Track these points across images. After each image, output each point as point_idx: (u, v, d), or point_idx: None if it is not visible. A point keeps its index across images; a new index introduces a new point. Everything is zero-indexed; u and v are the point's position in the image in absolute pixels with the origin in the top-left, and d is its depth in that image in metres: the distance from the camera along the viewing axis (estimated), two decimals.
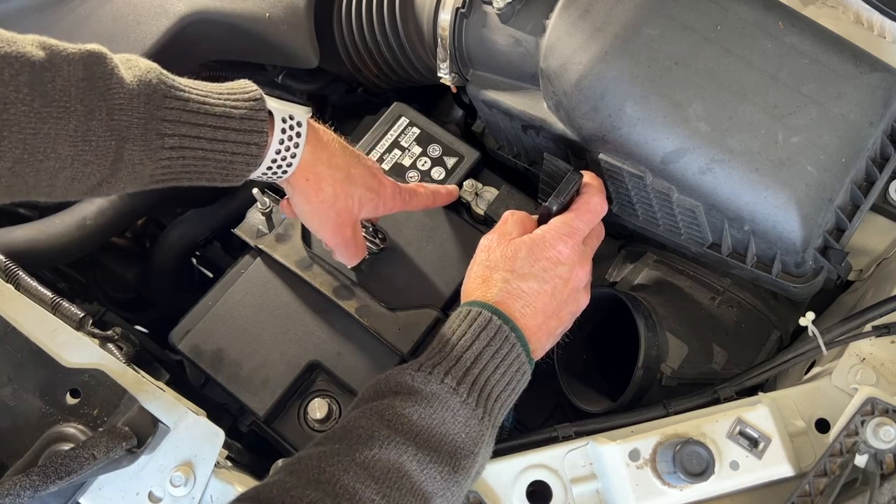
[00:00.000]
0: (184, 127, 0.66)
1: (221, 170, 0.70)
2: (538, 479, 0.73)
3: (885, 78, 0.78)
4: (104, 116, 0.62)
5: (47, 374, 0.72)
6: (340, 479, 0.58)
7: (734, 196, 0.76)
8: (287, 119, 0.72)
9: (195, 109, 0.67)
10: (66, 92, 0.60)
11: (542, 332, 0.74)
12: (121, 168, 0.64)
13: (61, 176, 0.62)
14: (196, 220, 1.14)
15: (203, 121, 0.67)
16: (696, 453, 0.68)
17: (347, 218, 0.80)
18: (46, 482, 0.61)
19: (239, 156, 0.70)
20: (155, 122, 0.65)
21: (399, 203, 0.85)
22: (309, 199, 0.78)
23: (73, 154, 0.61)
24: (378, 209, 0.83)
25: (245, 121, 0.69)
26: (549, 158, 0.83)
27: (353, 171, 0.79)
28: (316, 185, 0.77)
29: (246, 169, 0.71)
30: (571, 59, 0.80)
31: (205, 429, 0.73)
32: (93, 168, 0.63)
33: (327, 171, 0.77)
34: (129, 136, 0.63)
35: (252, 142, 0.70)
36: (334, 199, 0.78)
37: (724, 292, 0.90)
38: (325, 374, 0.88)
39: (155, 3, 1.02)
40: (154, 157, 0.66)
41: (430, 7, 0.94)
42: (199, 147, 0.67)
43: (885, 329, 0.75)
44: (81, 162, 0.62)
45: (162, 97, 0.65)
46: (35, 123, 0.59)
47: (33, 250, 0.97)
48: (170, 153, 0.66)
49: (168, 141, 0.66)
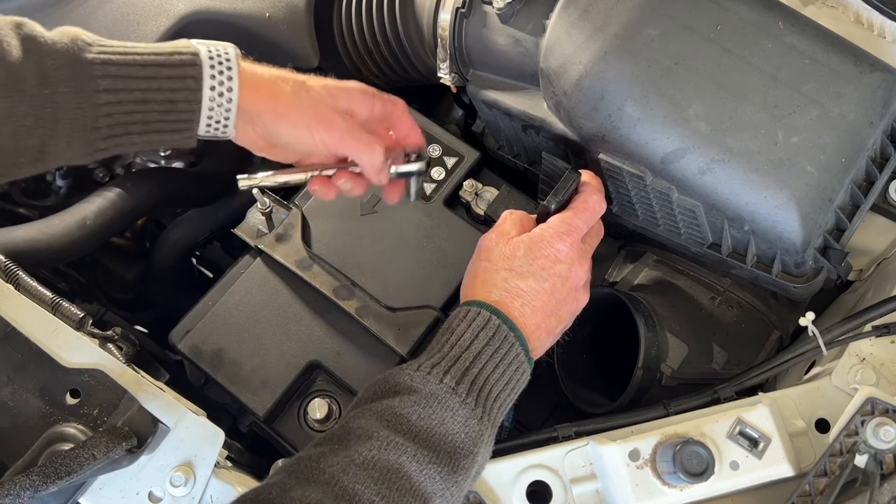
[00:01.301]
0: (113, 67, 0.65)
1: (166, 113, 0.67)
2: (538, 479, 0.73)
3: (885, 78, 0.78)
4: (32, 66, 0.62)
5: (47, 374, 0.72)
6: (340, 480, 0.58)
7: (734, 196, 0.76)
8: (213, 51, 0.69)
9: (122, 52, 0.66)
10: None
11: (541, 330, 0.74)
12: (60, 119, 0.64)
13: (2, 133, 0.62)
14: (196, 220, 1.14)
15: (132, 60, 0.66)
16: (696, 453, 0.68)
17: (326, 110, 0.73)
18: (46, 482, 0.61)
19: (179, 92, 0.67)
20: (83, 64, 0.64)
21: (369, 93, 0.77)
22: (271, 107, 0.71)
23: (10, 105, 0.62)
24: (352, 94, 0.75)
25: (174, 55, 0.67)
26: (547, 157, 0.83)
27: (298, 77, 0.74)
28: (271, 90, 0.71)
29: (188, 107, 0.68)
30: (571, 59, 0.80)
31: (205, 429, 0.73)
32: (32, 120, 0.63)
33: (274, 79, 0.72)
34: (60, 78, 0.63)
35: (187, 75, 0.67)
36: (297, 98, 0.72)
37: (724, 292, 0.90)
38: (325, 374, 0.88)
39: (155, 3, 1.02)
40: (91, 102, 0.64)
41: (430, 7, 0.94)
42: (136, 87, 0.66)
43: (885, 329, 0.75)
44: (19, 114, 0.62)
45: (85, 43, 0.65)
46: None
47: (33, 250, 0.97)
48: (107, 97, 0.65)
49: (101, 83, 0.64)
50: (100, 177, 1.29)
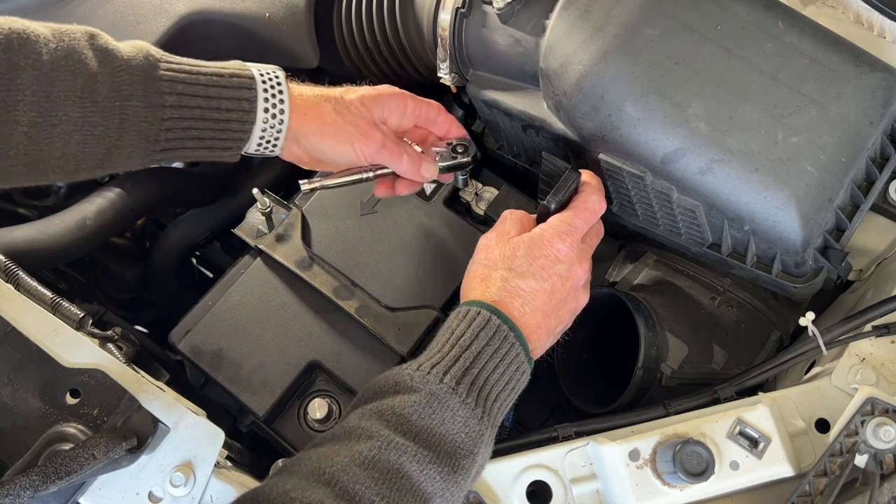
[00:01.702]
0: (179, 85, 0.70)
1: (220, 131, 0.73)
2: (538, 479, 0.73)
3: (885, 78, 0.78)
4: (106, 79, 0.67)
5: (47, 374, 0.72)
6: (340, 480, 0.58)
7: (734, 196, 0.76)
8: (265, 74, 0.75)
9: (188, 70, 0.72)
10: (70, 57, 0.65)
11: (541, 330, 0.74)
12: (127, 128, 0.68)
13: (73, 141, 0.66)
14: (196, 220, 1.14)
15: (196, 79, 0.71)
16: (696, 453, 0.68)
17: (367, 127, 0.79)
18: (46, 482, 0.61)
19: (233, 112, 0.73)
20: (153, 80, 0.69)
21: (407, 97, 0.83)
22: (317, 129, 0.77)
23: (83, 115, 0.66)
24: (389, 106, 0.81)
25: (234, 78, 0.73)
26: (547, 157, 0.83)
27: (342, 91, 0.80)
28: (317, 114, 0.78)
29: (241, 128, 0.74)
30: (571, 59, 0.80)
31: (205, 429, 0.73)
32: (101, 130, 0.67)
33: (321, 99, 0.78)
34: (132, 93, 0.68)
35: (243, 97, 0.73)
36: (339, 118, 0.78)
37: (724, 292, 0.90)
38: (325, 374, 0.88)
39: (155, 3, 1.02)
40: (157, 116, 0.70)
41: (430, 7, 0.94)
42: (196, 105, 0.71)
43: (885, 329, 0.75)
44: (90, 123, 0.66)
45: (156, 59, 0.70)
46: (45, 86, 0.64)
47: (33, 250, 0.97)
48: (171, 112, 0.70)
49: (167, 99, 0.70)
50: (100, 177, 1.29)
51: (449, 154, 0.87)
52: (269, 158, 0.80)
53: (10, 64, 0.62)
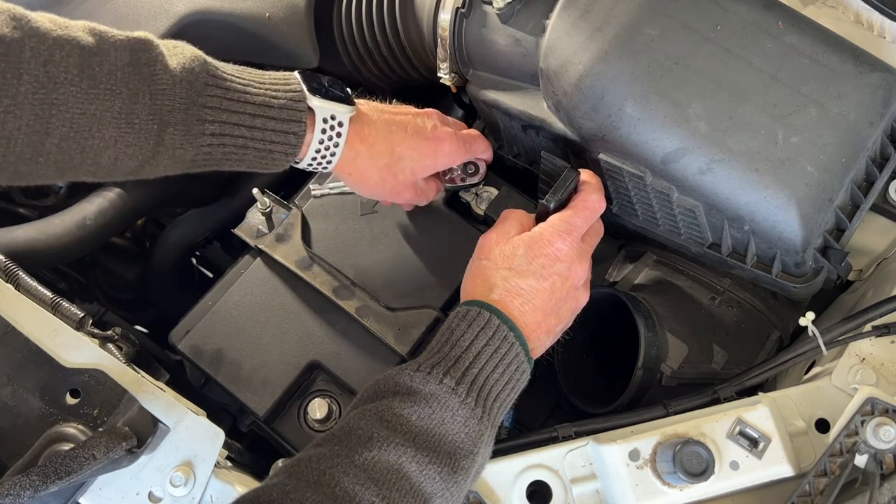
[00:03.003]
0: (224, 114, 0.68)
1: (262, 158, 0.71)
2: (538, 479, 0.73)
3: (885, 78, 0.78)
4: (147, 101, 0.64)
5: (47, 374, 0.72)
6: (340, 482, 0.58)
7: (734, 196, 0.76)
8: (328, 119, 0.73)
9: (235, 98, 0.69)
10: (113, 75, 0.63)
11: (541, 329, 0.74)
12: (161, 151, 0.67)
13: (105, 155, 0.65)
14: (196, 220, 1.14)
15: (242, 108, 0.69)
16: (696, 453, 0.68)
17: (402, 188, 0.82)
18: (46, 482, 0.61)
19: (278, 144, 0.71)
20: (196, 108, 0.67)
21: (462, 151, 0.85)
22: (358, 188, 0.83)
23: (117, 135, 0.64)
24: (438, 166, 0.84)
25: (284, 110, 0.70)
26: (546, 157, 0.83)
27: (398, 150, 0.79)
28: (359, 178, 0.79)
29: (285, 159, 0.72)
30: (571, 59, 0.80)
31: (205, 429, 0.73)
32: (135, 150, 0.66)
33: (368, 164, 0.78)
34: (170, 121, 0.66)
35: (291, 131, 0.71)
36: (382, 183, 0.80)
37: (724, 292, 0.90)
38: (325, 374, 0.88)
39: (155, 3, 1.02)
40: (195, 143, 0.68)
41: (430, 7, 0.94)
42: (239, 135, 0.69)
43: (885, 329, 0.75)
44: (124, 143, 0.65)
45: (204, 84, 0.67)
46: (82, 104, 0.61)
47: (33, 250, 0.97)
48: (210, 139, 0.68)
49: (208, 127, 0.68)
50: None
51: (460, 175, 0.92)
52: None
53: (48, 77, 0.60)
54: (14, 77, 0.58)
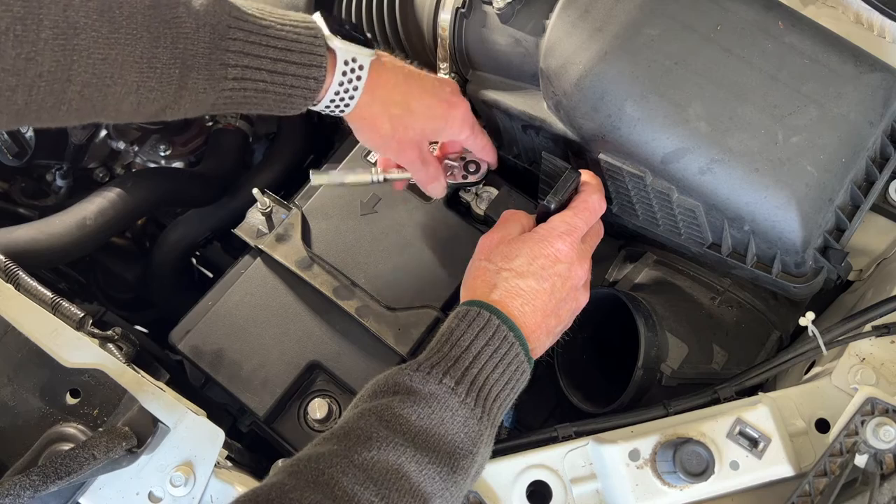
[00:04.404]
0: (246, 58, 0.67)
1: (280, 102, 0.71)
2: (538, 479, 0.73)
3: (885, 78, 0.78)
4: (169, 44, 0.63)
5: (47, 374, 0.72)
6: (339, 481, 0.58)
7: (734, 196, 0.76)
8: (349, 62, 0.73)
9: (258, 41, 0.67)
10: (133, 19, 0.61)
11: (541, 330, 0.74)
12: (184, 95, 0.66)
13: (127, 101, 0.64)
14: (196, 221, 1.14)
15: (265, 52, 0.68)
16: (696, 453, 0.68)
17: (409, 145, 0.81)
18: (46, 482, 0.61)
19: (297, 89, 0.70)
20: (219, 52, 0.66)
21: (470, 125, 0.85)
22: (367, 135, 0.80)
23: (139, 80, 0.63)
24: (447, 130, 0.83)
25: (305, 55, 0.70)
26: (547, 157, 0.83)
27: (413, 104, 0.79)
28: (371, 123, 0.78)
29: (303, 102, 0.72)
30: (571, 59, 0.80)
31: (205, 429, 0.73)
32: (157, 94, 0.64)
33: (382, 110, 0.77)
34: (193, 65, 0.65)
35: (311, 76, 0.70)
36: (392, 133, 0.79)
37: (724, 292, 0.90)
38: (325, 374, 0.88)
39: None
40: (217, 88, 0.67)
41: (430, 7, 0.94)
42: (260, 79, 0.68)
43: (885, 329, 0.75)
44: (147, 88, 0.63)
45: (226, 27, 0.66)
46: (103, 49, 0.60)
47: (33, 250, 0.97)
48: (232, 83, 0.67)
49: (231, 71, 0.67)
50: (100, 177, 1.29)
51: (460, 171, 0.91)
52: (268, 159, 0.80)
53: (68, 23, 0.58)
54: (34, 22, 0.57)
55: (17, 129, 1.18)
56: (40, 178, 1.29)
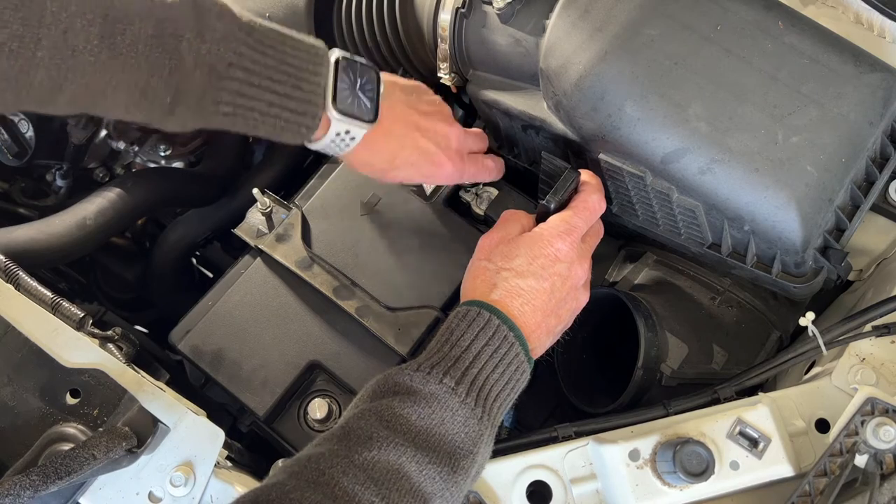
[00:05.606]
0: (240, 98, 0.66)
1: (271, 135, 0.69)
2: (538, 479, 0.73)
3: (885, 78, 0.78)
4: (165, 75, 0.62)
5: (47, 374, 0.72)
6: (339, 482, 0.58)
7: (734, 196, 0.76)
8: (341, 133, 0.71)
9: (257, 83, 0.66)
10: (134, 48, 0.60)
11: (541, 330, 0.74)
12: (172, 120, 0.66)
13: (115, 113, 0.64)
14: (196, 221, 1.14)
15: (260, 95, 0.66)
16: (696, 453, 0.68)
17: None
18: (46, 482, 0.61)
19: (287, 133, 0.69)
20: (214, 90, 0.65)
21: (458, 178, 0.86)
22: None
23: (130, 102, 0.63)
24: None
25: (298, 115, 0.68)
26: (546, 157, 0.83)
27: (397, 161, 0.78)
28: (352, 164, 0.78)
29: (294, 141, 0.71)
30: (571, 59, 0.80)
31: (205, 429, 0.73)
32: (145, 115, 0.65)
33: (366, 161, 0.78)
34: (184, 100, 0.64)
35: (303, 124, 0.69)
36: (372, 175, 0.80)
37: (724, 292, 0.90)
38: (325, 374, 0.88)
39: None
40: (206, 119, 0.66)
41: (430, 7, 0.94)
42: (252, 117, 0.67)
43: (885, 329, 0.75)
44: (136, 108, 0.64)
45: (227, 66, 0.64)
46: (99, 73, 0.60)
47: (33, 250, 0.97)
48: (222, 119, 0.67)
49: (223, 108, 0.66)
50: (100, 177, 1.29)
51: None
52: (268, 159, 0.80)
53: (66, 45, 0.57)
54: (32, 41, 0.56)
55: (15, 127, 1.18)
56: (40, 178, 1.29)
